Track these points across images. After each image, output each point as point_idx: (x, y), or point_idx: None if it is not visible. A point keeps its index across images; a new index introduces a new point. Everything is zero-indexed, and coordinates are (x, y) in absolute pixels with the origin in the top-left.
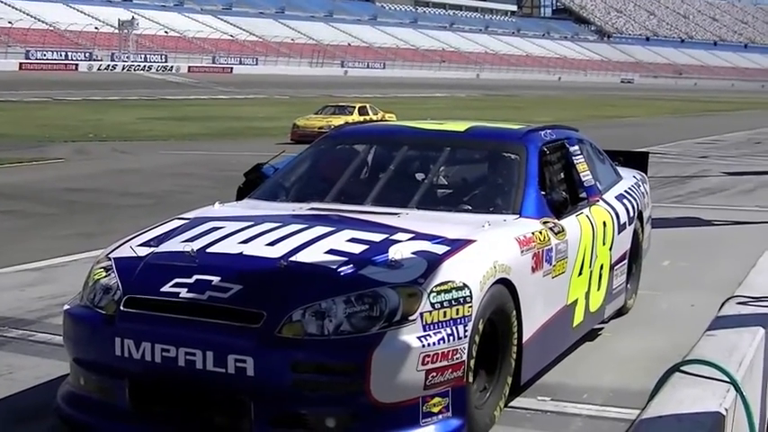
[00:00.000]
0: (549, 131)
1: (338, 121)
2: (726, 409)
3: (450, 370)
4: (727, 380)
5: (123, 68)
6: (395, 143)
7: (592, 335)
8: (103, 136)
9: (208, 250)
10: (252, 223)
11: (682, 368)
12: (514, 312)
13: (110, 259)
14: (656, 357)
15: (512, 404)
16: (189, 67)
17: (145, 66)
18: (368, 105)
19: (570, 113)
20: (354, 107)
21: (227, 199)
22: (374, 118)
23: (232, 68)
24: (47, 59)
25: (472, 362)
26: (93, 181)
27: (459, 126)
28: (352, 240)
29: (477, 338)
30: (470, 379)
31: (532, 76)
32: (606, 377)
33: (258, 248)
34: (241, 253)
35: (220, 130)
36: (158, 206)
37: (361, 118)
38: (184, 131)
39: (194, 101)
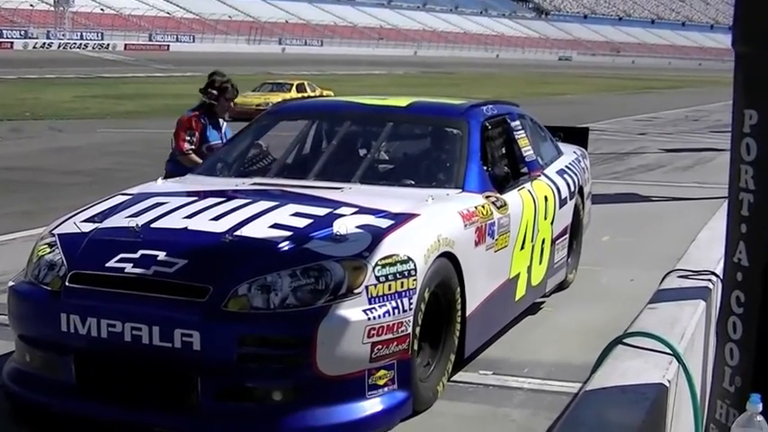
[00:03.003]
0: (490, 107)
1: (276, 98)
2: (669, 381)
3: (395, 343)
4: (670, 352)
5: (59, 46)
6: (337, 118)
7: (533, 309)
8: (40, 114)
9: (152, 225)
10: (195, 198)
11: (624, 341)
12: (458, 286)
13: (54, 235)
14: (597, 331)
15: (454, 378)
16: (125, 44)
17: (81, 44)
18: (306, 83)
19: (509, 90)
20: (292, 84)
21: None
22: (312, 95)
23: (169, 46)
24: None
25: (417, 334)
26: (30, 160)
27: (402, 101)
28: (297, 215)
29: (421, 311)
30: (416, 351)
31: (470, 53)
32: (547, 351)
33: (203, 223)
34: (186, 228)
35: (158, 107)
36: (96, 184)
37: (299, 95)
38: (121, 109)
39: (131, 79)
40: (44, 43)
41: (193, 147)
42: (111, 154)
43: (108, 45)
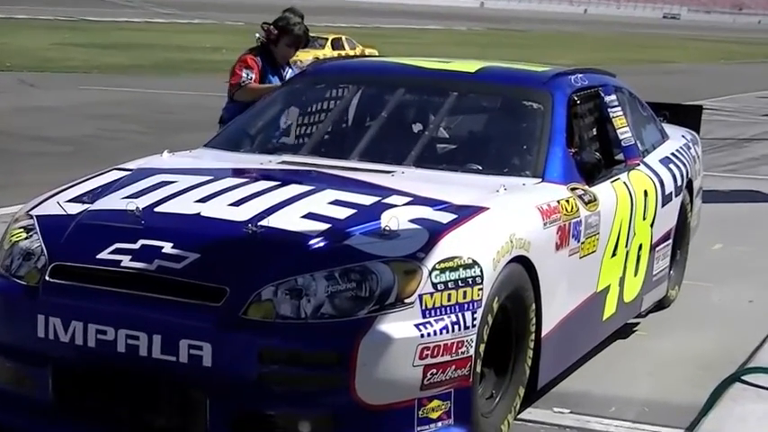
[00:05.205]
0: (580, 76)
1: (307, 56)
2: None
3: (453, 366)
4: None
5: None
6: (388, 84)
7: (625, 332)
8: (8, 64)
9: (156, 209)
10: (211, 177)
11: (743, 377)
12: (533, 299)
13: (31, 217)
14: (704, 363)
15: (521, 415)
16: None
17: None
18: (343, 37)
19: (596, 56)
20: (327, 39)
21: (163, 147)
22: (351, 53)
23: None
24: None
25: (480, 358)
26: None
27: (469, 66)
28: (336, 203)
29: (486, 329)
30: (477, 379)
31: (551, 6)
32: (640, 386)
33: (219, 209)
34: (198, 214)
35: (156, 62)
36: (78, 154)
37: (335, 53)
38: (111, 62)
39: (124, 24)
40: None
41: (251, 80)
42: (98, 117)
43: None
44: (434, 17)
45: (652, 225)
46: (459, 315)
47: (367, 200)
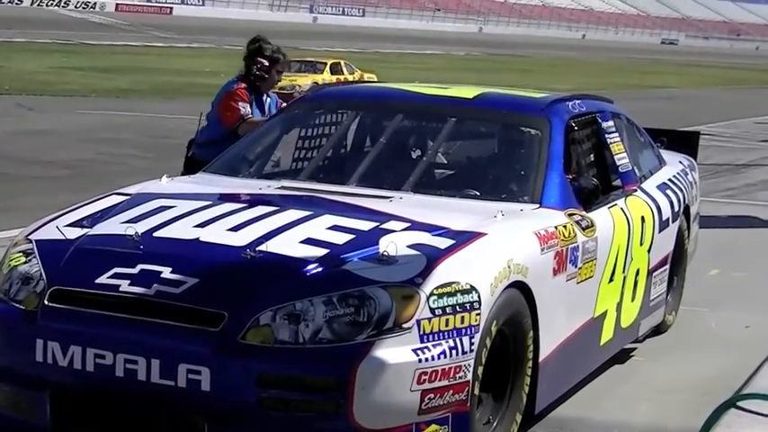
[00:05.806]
0: (577, 102)
1: (305, 80)
2: None
3: (451, 391)
4: None
5: (33, 3)
6: (387, 110)
7: (622, 357)
8: (6, 88)
9: (155, 234)
10: (209, 203)
11: (738, 403)
12: (530, 324)
13: (30, 241)
14: (701, 389)
15: None
16: (117, 4)
17: (61, 1)
18: (342, 62)
19: (595, 81)
20: (325, 64)
21: (161, 172)
22: (349, 78)
23: (171, 9)
24: None
25: (478, 383)
26: None
27: (467, 92)
28: (334, 228)
29: (484, 354)
30: (475, 403)
31: (549, 31)
32: (638, 412)
33: (218, 234)
34: (197, 239)
35: (155, 85)
36: (76, 179)
37: (334, 78)
38: (109, 86)
39: (122, 48)
40: None
41: (249, 114)
42: (96, 141)
43: (95, 4)
44: (433, 42)
45: (649, 251)
46: (457, 340)
47: (365, 225)
